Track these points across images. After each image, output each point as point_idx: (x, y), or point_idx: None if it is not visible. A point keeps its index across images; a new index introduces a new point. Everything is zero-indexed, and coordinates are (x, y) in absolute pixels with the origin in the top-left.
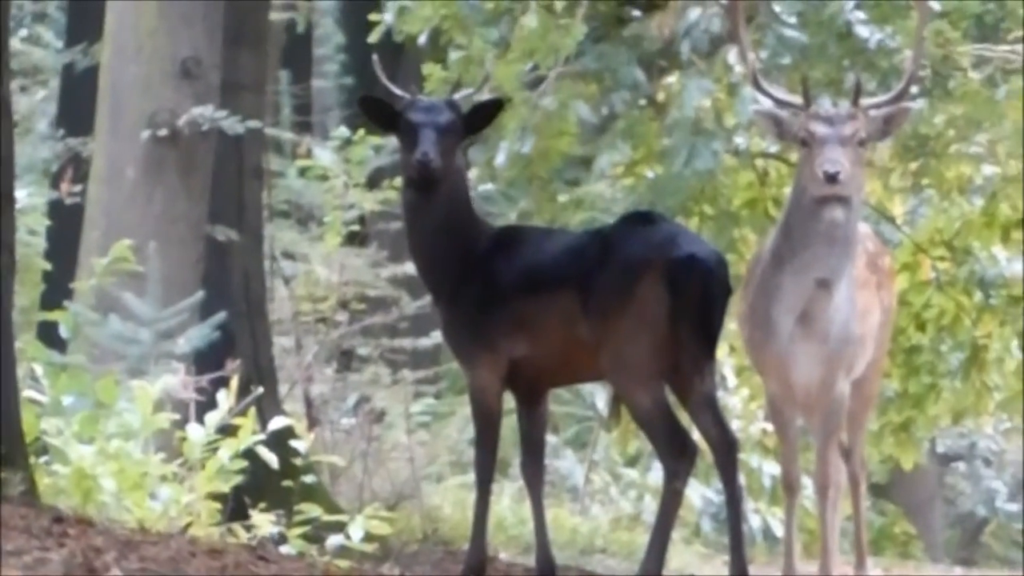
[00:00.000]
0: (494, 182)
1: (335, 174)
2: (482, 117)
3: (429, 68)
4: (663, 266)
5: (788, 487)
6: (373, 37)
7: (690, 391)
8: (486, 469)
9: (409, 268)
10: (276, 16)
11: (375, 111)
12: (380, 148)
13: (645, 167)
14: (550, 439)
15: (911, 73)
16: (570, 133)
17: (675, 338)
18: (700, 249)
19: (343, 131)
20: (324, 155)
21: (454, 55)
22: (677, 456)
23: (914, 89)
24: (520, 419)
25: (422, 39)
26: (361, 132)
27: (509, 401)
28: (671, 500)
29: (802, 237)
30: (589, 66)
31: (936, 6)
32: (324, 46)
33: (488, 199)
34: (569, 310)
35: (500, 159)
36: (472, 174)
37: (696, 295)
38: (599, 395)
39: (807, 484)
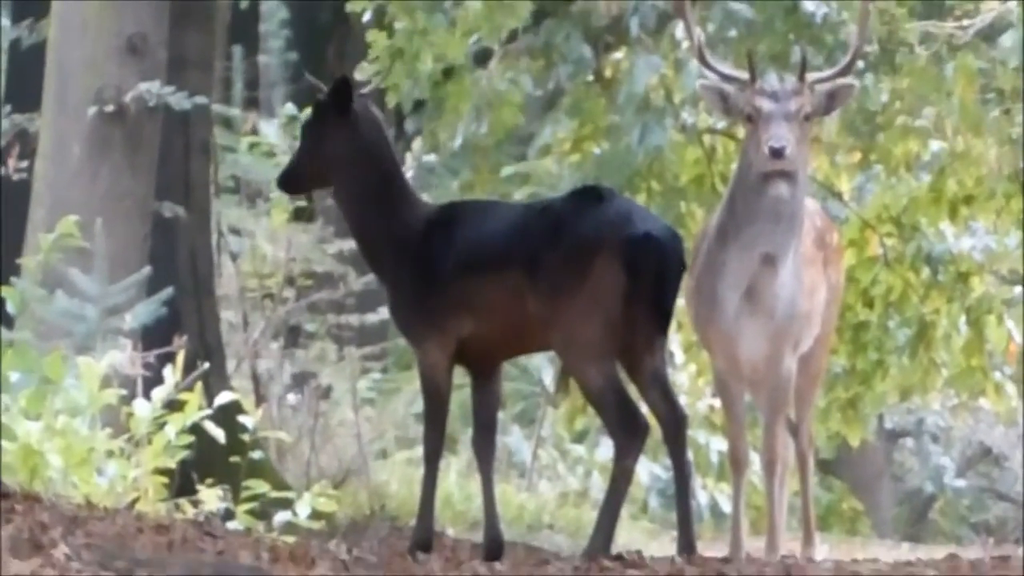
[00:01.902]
0: (436, 153)
1: (281, 150)
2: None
3: (374, 35)
4: (619, 244)
5: (735, 463)
6: None
7: (640, 367)
8: (434, 445)
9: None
10: None
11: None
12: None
13: (592, 143)
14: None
15: (856, 48)
16: (514, 104)
17: (629, 316)
18: (655, 226)
19: (290, 108)
20: (270, 131)
21: (399, 25)
22: (628, 434)
23: (860, 64)
24: (474, 395)
25: (367, 17)
26: (307, 109)
27: (457, 378)
28: (621, 477)
29: (747, 213)
30: (535, 42)
31: None
32: (268, 22)
33: (429, 170)
34: (517, 287)
35: (457, 142)
36: (415, 145)
37: (652, 273)
38: (546, 371)
39: (754, 460)
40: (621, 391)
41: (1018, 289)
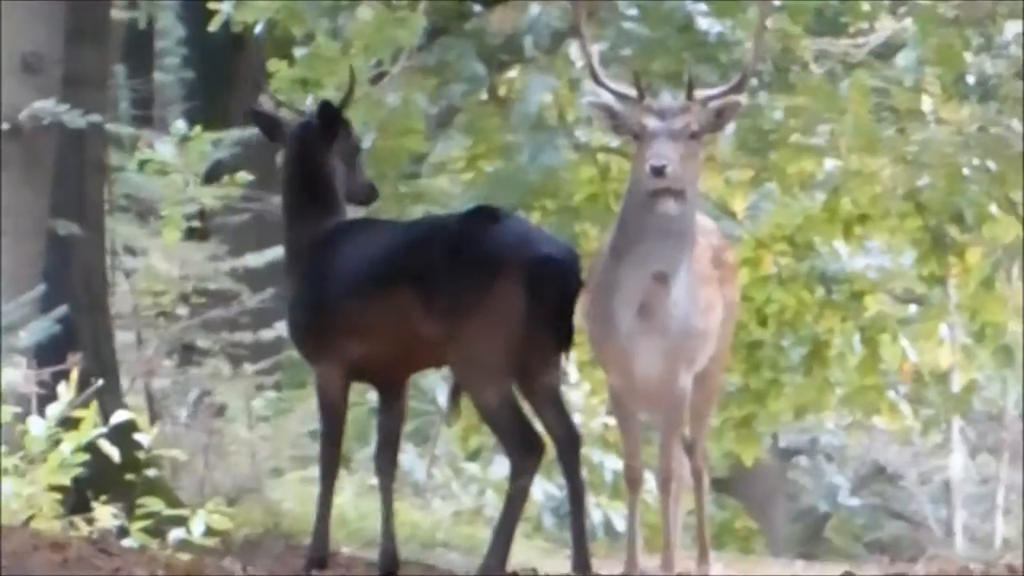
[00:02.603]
0: None
1: (174, 168)
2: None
3: (275, 65)
4: (522, 265)
5: (631, 481)
6: (213, 26)
7: (536, 386)
8: (330, 463)
9: (250, 262)
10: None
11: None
12: (219, 142)
13: (486, 161)
14: None
15: (749, 65)
16: (417, 131)
17: (529, 336)
18: (556, 248)
19: (180, 126)
20: (164, 149)
21: (299, 52)
22: (524, 453)
23: (754, 82)
24: (380, 412)
25: (259, 28)
26: (198, 127)
27: (352, 395)
28: (517, 496)
29: (637, 231)
30: (429, 60)
31: (776, 1)
32: (165, 39)
33: None
34: (409, 308)
35: None
36: None
37: (554, 294)
38: (440, 389)
39: (649, 478)
40: (517, 410)
41: (912, 308)
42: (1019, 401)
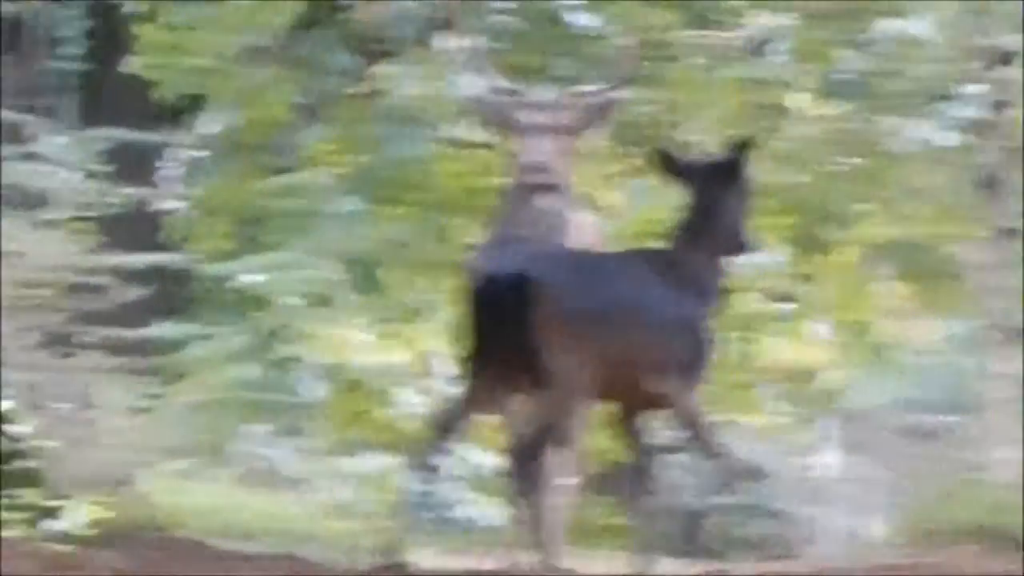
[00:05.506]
0: (207, 149)
1: (57, 160)
2: None
3: (144, 29)
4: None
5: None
6: None
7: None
8: None
9: (128, 257)
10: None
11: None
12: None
13: (354, 154)
14: (260, 428)
15: (629, 62)
16: (283, 102)
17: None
18: (504, 267)
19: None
20: (59, 141)
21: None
22: None
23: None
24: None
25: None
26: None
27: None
28: None
29: (516, 225)
30: (300, 51)
31: None
32: (67, 28)
33: (198, 166)
34: None
35: (214, 129)
36: (184, 140)
37: (486, 311)
38: (303, 383)
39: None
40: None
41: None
42: (890, 399)
